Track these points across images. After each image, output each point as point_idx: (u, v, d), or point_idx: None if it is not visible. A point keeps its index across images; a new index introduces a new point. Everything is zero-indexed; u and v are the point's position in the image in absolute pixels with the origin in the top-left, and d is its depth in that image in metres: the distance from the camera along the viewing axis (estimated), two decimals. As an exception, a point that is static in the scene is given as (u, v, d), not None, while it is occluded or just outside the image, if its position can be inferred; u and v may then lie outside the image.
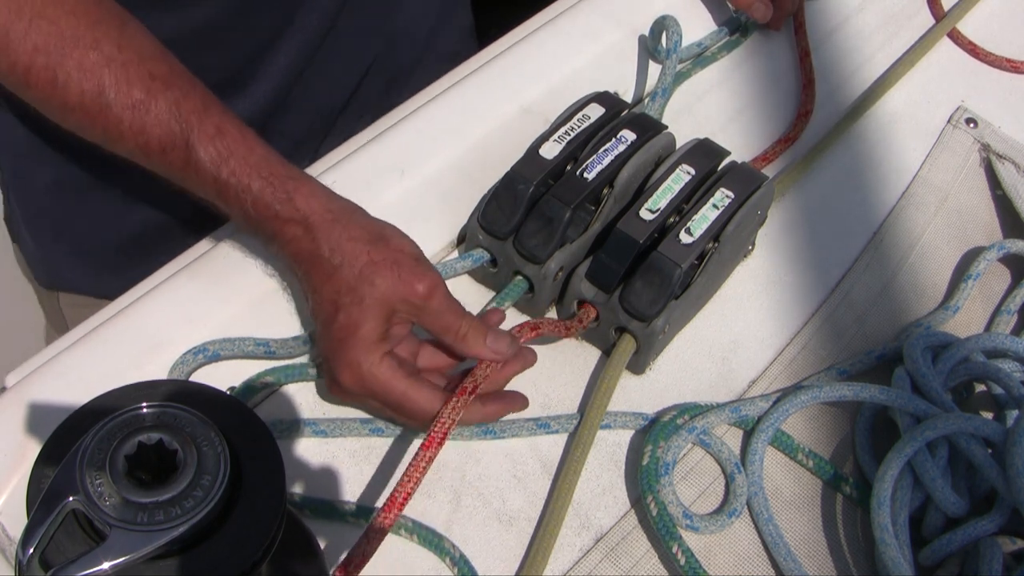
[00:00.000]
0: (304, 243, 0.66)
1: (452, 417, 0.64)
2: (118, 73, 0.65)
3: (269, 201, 0.66)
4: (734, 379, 0.78)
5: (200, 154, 0.66)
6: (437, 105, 0.86)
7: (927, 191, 0.90)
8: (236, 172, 0.66)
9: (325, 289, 0.66)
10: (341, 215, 0.67)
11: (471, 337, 0.67)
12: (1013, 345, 0.76)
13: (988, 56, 1.00)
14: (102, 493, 0.44)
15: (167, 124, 0.65)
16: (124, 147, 0.67)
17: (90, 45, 0.65)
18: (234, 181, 0.66)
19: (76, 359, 0.69)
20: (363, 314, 0.64)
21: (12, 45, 0.64)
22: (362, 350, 0.64)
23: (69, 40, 0.65)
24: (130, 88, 0.65)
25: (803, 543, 0.71)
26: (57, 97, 0.66)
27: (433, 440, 0.63)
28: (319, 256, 0.66)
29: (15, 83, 0.67)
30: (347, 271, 0.65)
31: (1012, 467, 0.65)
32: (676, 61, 0.87)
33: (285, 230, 0.66)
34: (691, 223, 0.74)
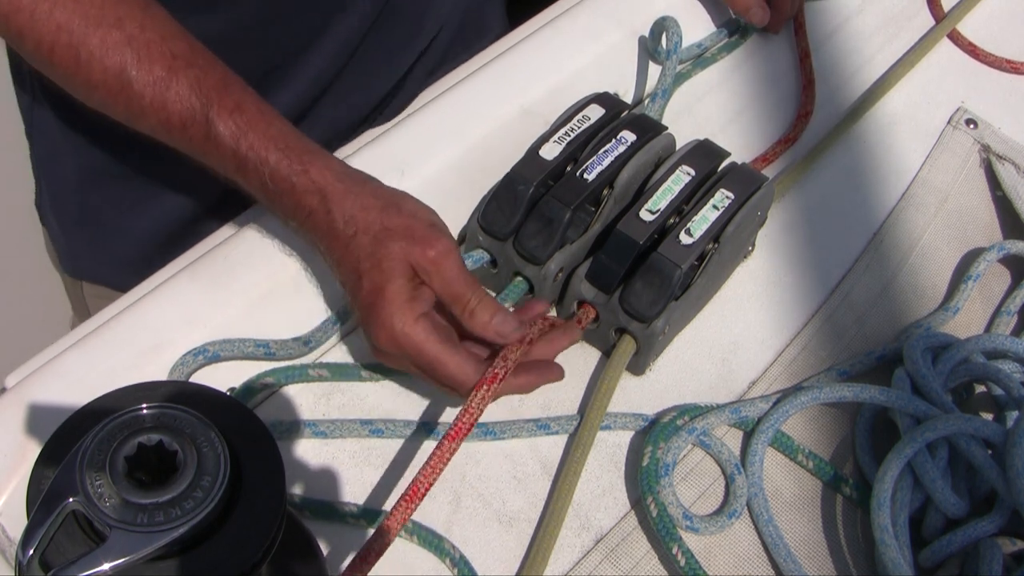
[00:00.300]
0: (320, 215, 0.67)
1: (479, 407, 0.62)
2: (140, 51, 0.66)
3: (286, 173, 0.67)
4: (734, 380, 0.78)
5: (220, 128, 0.67)
6: (437, 106, 0.87)
7: (927, 192, 0.90)
8: (254, 146, 0.67)
9: (346, 259, 0.66)
10: (354, 185, 0.68)
11: (478, 312, 0.66)
12: (1013, 346, 0.76)
13: (988, 57, 1.00)
14: (102, 494, 0.44)
15: (187, 100, 0.67)
16: (146, 123, 0.68)
17: (112, 24, 0.66)
18: (252, 155, 0.67)
19: (76, 360, 0.69)
20: (383, 276, 0.65)
21: (37, 24, 0.66)
22: (393, 310, 0.64)
23: (92, 19, 0.66)
24: (151, 65, 0.67)
25: (803, 544, 0.71)
26: (81, 75, 0.67)
27: (460, 431, 0.62)
28: (335, 228, 0.67)
29: (40, 61, 0.68)
30: (362, 238, 0.66)
31: (1012, 468, 0.65)
32: (676, 62, 0.87)
33: (302, 202, 0.67)
34: (691, 224, 0.74)
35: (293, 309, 0.74)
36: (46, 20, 0.65)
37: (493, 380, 0.63)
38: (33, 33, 0.66)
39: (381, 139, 0.84)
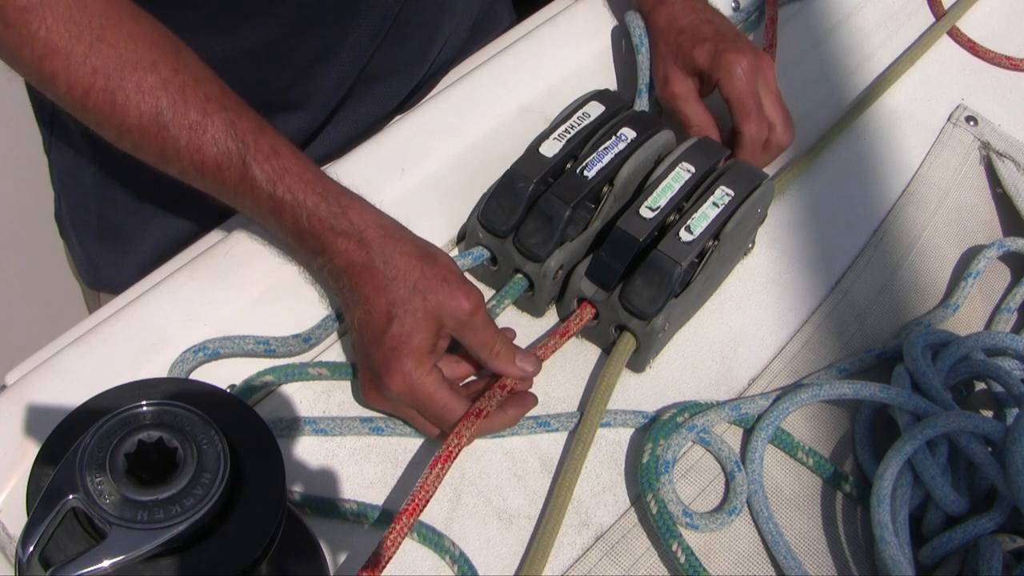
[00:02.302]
0: (356, 255, 0.68)
1: (459, 439, 0.66)
2: (175, 94, 0.67)
3: (324, 216, 0.68)
4: (734, 377, 0.78)
5: (256, 172, 0.68)
6: (437, 103, 0.87)
7: (927, 189, 0.90)
8: (292, 188, 0.68)
9: (379, 300, 0.68)
10: (392, 231, 0.70)
11: (503, 355, 0.70)
12: (1013, 343, 0.76)
13: (988, 54, 1.00)
14: (102, 491, 0.44)
15: (224, 143, 0.67)
16: (179, 166, 0.69)
17: (148, 68, 0.66)
18: (289, 197, 0.68)
19: (76, 357, 0.69)
20: (416, 325, 0.67)
21: (72, 68, 0.65)
22: (415, 360, 0.67)
23: (128, 63, 0.66)
24: (187, 109, 0.67)
25: (803, 541, 0.71)
26: (116, 118, 0.67)
27: (441, 457, 0.65)
28: (373, 268, 0.68)
29: (71, 104, 0.68)
30: (400, 284, 0.68)
31: (1012, 465, 0.65)
32: (647, 56, 0.87)
33: (338, 243, 0.68)
34: (691, 221, 0.74)
35: (293, 307, 0.74)
36: (81, 64, 0.65)
37: (478, 415, 0.68)
38: (67, 76, 0.65)
39: (382, 137, 0.84)
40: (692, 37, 0.84)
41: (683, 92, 0.84)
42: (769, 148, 0.84)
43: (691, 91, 0.84)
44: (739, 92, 0.81)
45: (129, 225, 0.93)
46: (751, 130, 0.82)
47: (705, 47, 0.82)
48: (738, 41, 0.84)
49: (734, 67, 0.81)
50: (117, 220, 0.93)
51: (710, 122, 0.84)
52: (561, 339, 0.74)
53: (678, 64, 0.84)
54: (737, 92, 0.81)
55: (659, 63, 0.86)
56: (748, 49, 0.83)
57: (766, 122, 0.83)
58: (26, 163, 0.69)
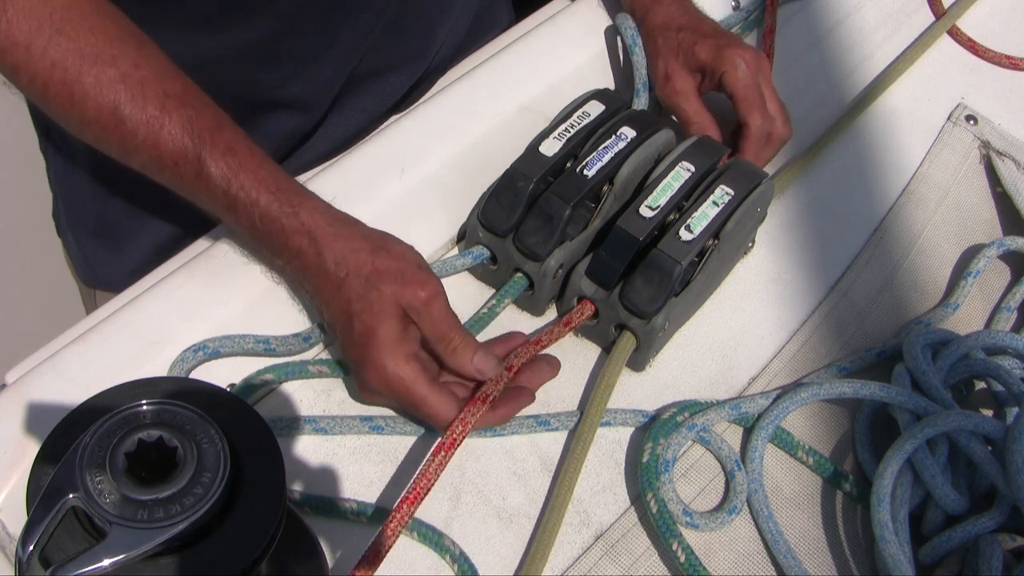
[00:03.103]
0: (310, 256, 0.68)
1: (463, 426, 0.66)
2: (134, 89, 0.67)
3: (276, 215, 0.68)
4: (734, 376, 0.78)
5: (211, 169, 0.68)
6: (437, 103, 0.86)
7: (927, 188, 0.90)
8: (245, 187, 0.68)
9: (336, 301, 0.68)
10: (343, 228, 0.69)
11: (460, 351, 0.69)
12: (1013, 342, 0.76)
13: (988, 53, 1.00)
14: (102, 490, 0.44)
15: (180, 139, 0.67)
16: (138, 159, 0.69)
17: (108, 62, 0.66)
18: (243, 195, 0.68)
19: (76, 357, 0.69)
20: (375, 318, 0.67)
21: (32, 61, 0.66)
22: (385, 352, 0.66)
23: (88, 57, 0.66)
24: (145, 104, 0.67)
25: (803, 540, 0.71)
26: (75, 111, 0.67)
27: (444, 445, 0.65)
28: (325, 269, 0.68)
29: (34, 97, 0.68)
30: (353, 281, 0.67)
31: (1012, 464, 0.65)
32: (642, 55, 0.87)
33: (291, 242, 0.69)
34: (691, 220, 0.74)
35: (293, 305, 0.74)
36: (41, 56, 0.65)
37: (473, 403, 0.67)
38: (28, 69, 0.66)
39: (381, 136, 0.84)
40: (693, 33, 0.84)
41: (684, 88, 0.85)
42: (772, 141, 0.84)
43: (692, 88, 0.85)
44: (744, 85, 0.82)
45: (124, 224, 0.93)
46: (756, 122, 0.82)
47: (707, 43, 0.83)
48: (737, 38, 0.85)
49: (738, 61, 0.82)
50: (113, 219, 0.93)
51: (710, 119, 0.84)
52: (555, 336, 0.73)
53: (679, 60, 0.84)
54: (742, 85, 0.82)
55: (659, 60, 0.86)
56: (747, 45, 0.84)
57: (769, 114, 0.83)
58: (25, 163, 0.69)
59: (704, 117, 0.84)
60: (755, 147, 0.83)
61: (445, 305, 0.69)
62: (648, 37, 0.87)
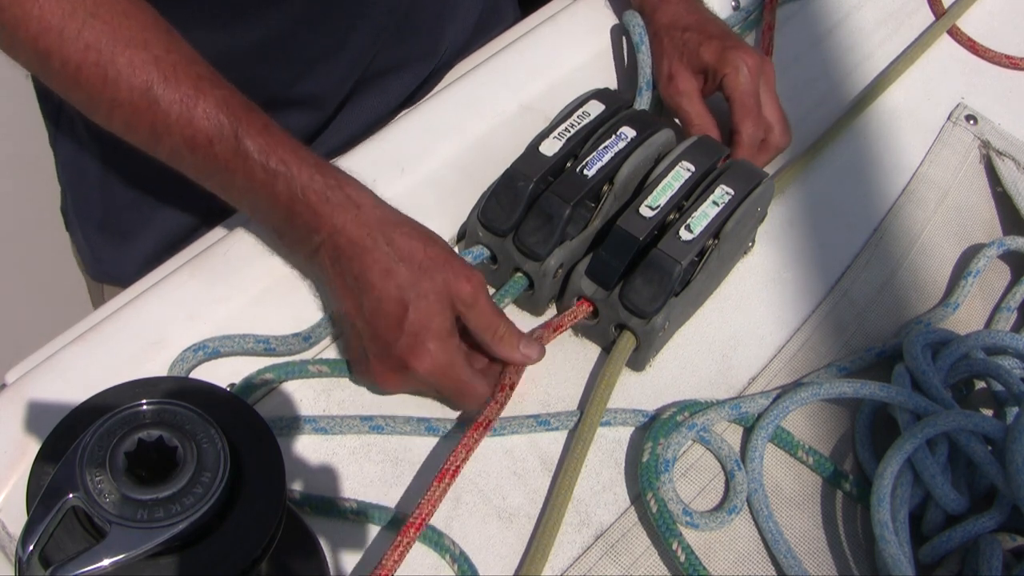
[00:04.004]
0: (356, 233, 0.68)
1: (466, 452, 0.67)
2: (166, 71, 0.67)
3: (320, 188, 0.68)
4: (734, 376, 0.78)
5: (248, 144, 0.68)
6: (437, 102, 0.86)
7: (927, 188, 0.90)
8: (286, 160, 0.68)
9: (387, 285, 0.68)
10: (388, 211, 0.70)
11: (507, 339, 0.71)
12: (1013, 342, 0.76)
13: (988, 53, 1.00)
14: (102, 490, 0.44)
15: (215, 117, 0.67)
16: (170, 141, 0.68)
17: (140, 45, 0.67)
18: (283, 169, 0.68)
19: (76, 356, 0.69)
20: (431, 309, 0.67)
21: (65, 44, 0.66)
22: (440, 342, 0.68)
23: (121, 39, 0.66)
24: (179, 84, 0.67)
25: (803, 540, 0.71)
26: (107, 92, 0.67)
27: (447, 472, 0.66)
28: (376, 250, 0.68)
29: (63, 81, 0.68)
30: (406, 267, 0.68)
31: (1012, 464, 0.65)
32: (648, 55, 0.87)
33: (335, 216, 0.68)
34: (691, 220, 0.74)
35: (293, 305, 0.74)
36: (74, 40, 0.66)
37: (486, 426, 0.69)
38: (61, 52, 0.66)
39: (381, 135, 0.84)
40: (699, 34, 0.84)
41: (687, 89, 0.84)
42: (766, 149, 0.84)
43: (695, 88, 0.85)
44: (742, 90, 0.82)
45: (132, 218, 0.93)
46: (748, 129, 0.82)
47: (712, 44, 0.83)
48: (743, 42, 0.85)
49: (740, 65, 0.82)
50: (120, 213, 0.93)
51: (711, 121, 0.84)
52: (554, 332, 0.74)
53: (683, 61, 0.84)
54: (740, 90, 0.82)
55: (663, 60, 0.86)
56: (753, 50, 0.84)
57: (764, 122, 0.83)
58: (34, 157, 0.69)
59: (705, 119, 0.84)
60: (744, 154, 0.83)
61: (488, 295, 0.70)
62: (654, 36, 0.87)
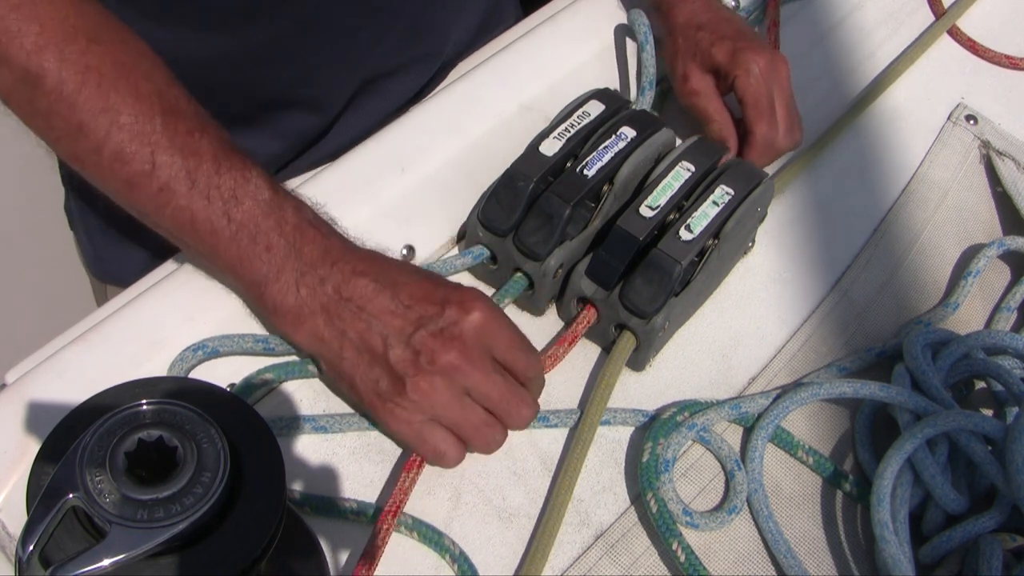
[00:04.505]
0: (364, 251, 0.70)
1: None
2: (170, 101, 0.67)
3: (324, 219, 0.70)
4: (734, 376, 0.78)
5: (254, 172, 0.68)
6: (437, 103, 0.86)
7: (927, 188, 0.90)
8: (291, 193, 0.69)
9: (415, 276, 0.69)
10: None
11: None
12: (1013, 342, 0.76)
13: (988, 53, 1.00)
14: (102, 490, 0.44)
15: (221, 147, 0.68)
16: (168, 171, 0.68)
17: (143, 75, 0.66)
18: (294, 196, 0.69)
19: (76, 356, 0.69)
20: (465, 289, 0.69)
21: (65, 64, 0.64)
22: (486, 302, 0.68)
23: (123, 65, 0.66)
24: (184, 115, 0.67)
25: (803, 540, 0.71)
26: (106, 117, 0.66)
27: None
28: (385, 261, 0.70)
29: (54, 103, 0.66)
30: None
31: (1012, 464, 0.65)
32: (652, 54, 0.87)
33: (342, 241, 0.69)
34: (691, 220, 0.74)
35: (293, 305, 0.74)
36: (76, 61, 0.64)
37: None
38: (59, 72, 0.65)
39: (381, 136, 0.84)
40: (711, 34, 0.84)
41: (702, 88, 0.84)
42: (778, 149, 0.84)
43: (710, 87, 0.85)
44: (754, 91, 0.82)
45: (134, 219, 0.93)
46: (762, 130, 0.82)
47: (724, 45, 0.83)
48: (756, 41, 0.84)
49: (751, 66, 0.81)
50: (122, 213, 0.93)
51: (728, 119, 0.84)
52: (569, 346, 0.74)
53: (696, 61, 0.84)
54: (752, 91, 0.82)
55: (678, 59, 0.86)
56: (766, 49, 0.83)
57: (777, 123, 0.83)
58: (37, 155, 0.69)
59: (723, 116, 0.84)
60: (758, 155, 0.83)
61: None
62: (670, 35, 0.87)
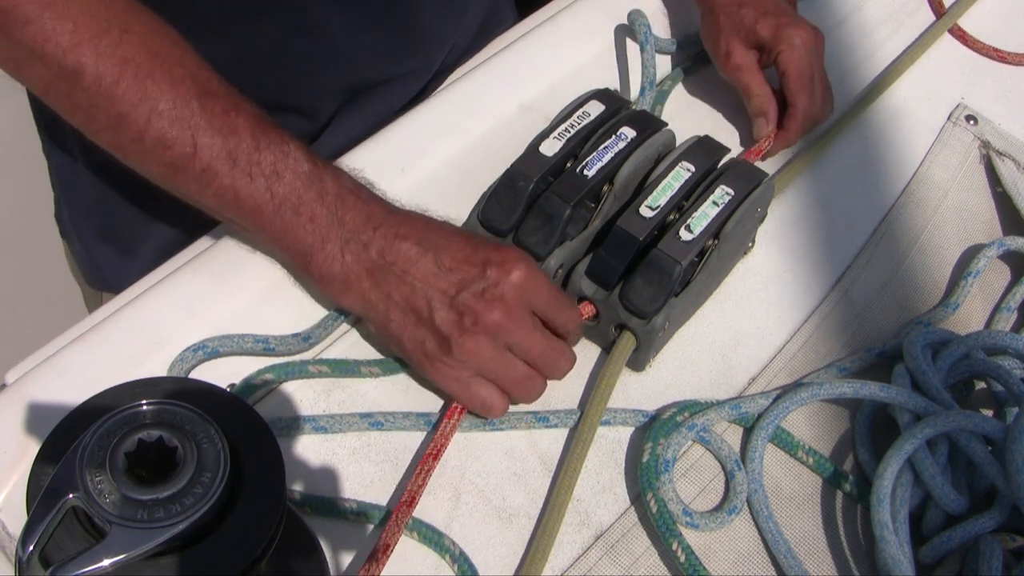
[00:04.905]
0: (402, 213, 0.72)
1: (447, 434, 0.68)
2: (204, 83, 0.68)
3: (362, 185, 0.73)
4: (734, 376, 0.78)
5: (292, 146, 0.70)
6: (437, 103, 0.87)
7: (927, 188, 0.90)
8: (326, 164, 0.71)
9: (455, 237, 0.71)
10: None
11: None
12: (1013, 342, 0.76)
13: (988, 53, 1.00)
14: (102, 490, 0.44)
15: (259, 124, 0.69)
16: (209, 153, 0.68)
17: (176, 60, 0.67)
18: (330, 168, 0.71)
19: (76, 356, 0.69)
20: (505, 248, 0.71)
21: (102, 58, 0.65)
22: (527, 260, 0.71)
23: (157, 54, 0.67)
24: (218, 96, 0.68)
25: (803, 540, 0.71)
26: (145, 106, 0.67)
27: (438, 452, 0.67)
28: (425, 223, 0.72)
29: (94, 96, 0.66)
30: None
31: (1012, 464, 0.65)
32: (652, 54, 0.88)
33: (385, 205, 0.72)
34: (691, 220, 0.74)
35: (293, 305, 0.74)
36: (111, 53, 0.65)
37: (451, 415, 0.71)
38: (96, 67, 0.65)
39: (381, 136, 0.84)
40: (754, 11, 0.86)
41: (746, 63, 0.87)
42: (816, 121, 0.88)
43: (753, 63, 0.87)
44: (797, 65, 0.84)
45: (131, 227, 0.93)
46: (804, 103, 0.85)
47: (768, 20, 0.85)
48: (797, 16, 0.87)
49: (795, 40, 0.84)
50: (119, 223, 0.93)
51: (770, 93, 0.87)
52: None
53: (739, 37, 0.86)
54: (796, 65, 0.84)
55: (720, 37, 0.88)
56: (806, 24, 0.86)
57: (816, 96, 0.86)
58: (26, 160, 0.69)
59: (764, 90, 0.87)
60: (800, 128, 0.86)
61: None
62: (711, 13, 0.89)
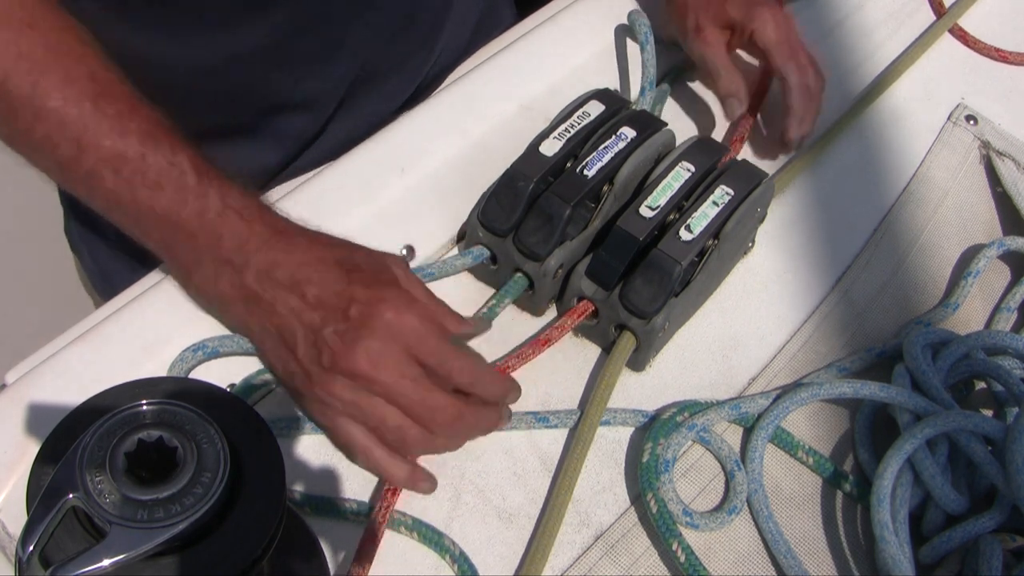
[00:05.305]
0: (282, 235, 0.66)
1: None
2: (102, 85, 0.64)
3: (250, 205, 0.66)
4: (734, 376, 0.78)
5: (183, 157, 0.65)
6: (437, 103, 0.86)
7: (927, 188, 0.90)
8: (219, 177, 0.66)
9: (324, 264, 0.65)
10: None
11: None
12: (1013, 342, 0.76)
13: (988, 53, 1.00)
14: (102, 490, 0.44)
15: (152, 130, 0.65)
16: (95, 155, 0.65)
17: (76, 58, 0.64)
18: (217, 184, 0.65)
19: (76, 357, 0.69)
20: (375, 260, 0.66)
21: None
22: (400, 288, 0.65)
23: (57, 51, 0.64)
24: (115, 98, 0.64)
25: (803, 540, 0.71)
26: (34, 103, 0.64)
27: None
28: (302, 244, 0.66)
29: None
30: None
31: (1012, 464, 0.65)
32: (652, 54, 0.87)
33: (269, 226, 0.66)
34: (691, 220, 0.74)
35: (293, 305, 0.74)
36: (6, 47, 0.63)
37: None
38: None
39: (381, 136, 0.84)
40: None
41: (715, 40, 0.86)
42: (813, 94, 0.85)
43: (721, 43, 0.86)
44: (775, 39, 0.83)
45: None
46: (793, 74, 0.84)
47: (737, 1, 0.85)
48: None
49: (768, 17, 0.83)
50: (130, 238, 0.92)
51: (737, 72, 0.85)
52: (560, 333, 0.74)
53: (709, 15, 0.86)
54: (774, 39, 0.83)
55: (689, 13, 0.87)
56: (777, 6, 0.85)
57: (805, 65, 0.84)
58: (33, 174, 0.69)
59: (732, 69, 0.85)
60: (801, 99, 0.84)
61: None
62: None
